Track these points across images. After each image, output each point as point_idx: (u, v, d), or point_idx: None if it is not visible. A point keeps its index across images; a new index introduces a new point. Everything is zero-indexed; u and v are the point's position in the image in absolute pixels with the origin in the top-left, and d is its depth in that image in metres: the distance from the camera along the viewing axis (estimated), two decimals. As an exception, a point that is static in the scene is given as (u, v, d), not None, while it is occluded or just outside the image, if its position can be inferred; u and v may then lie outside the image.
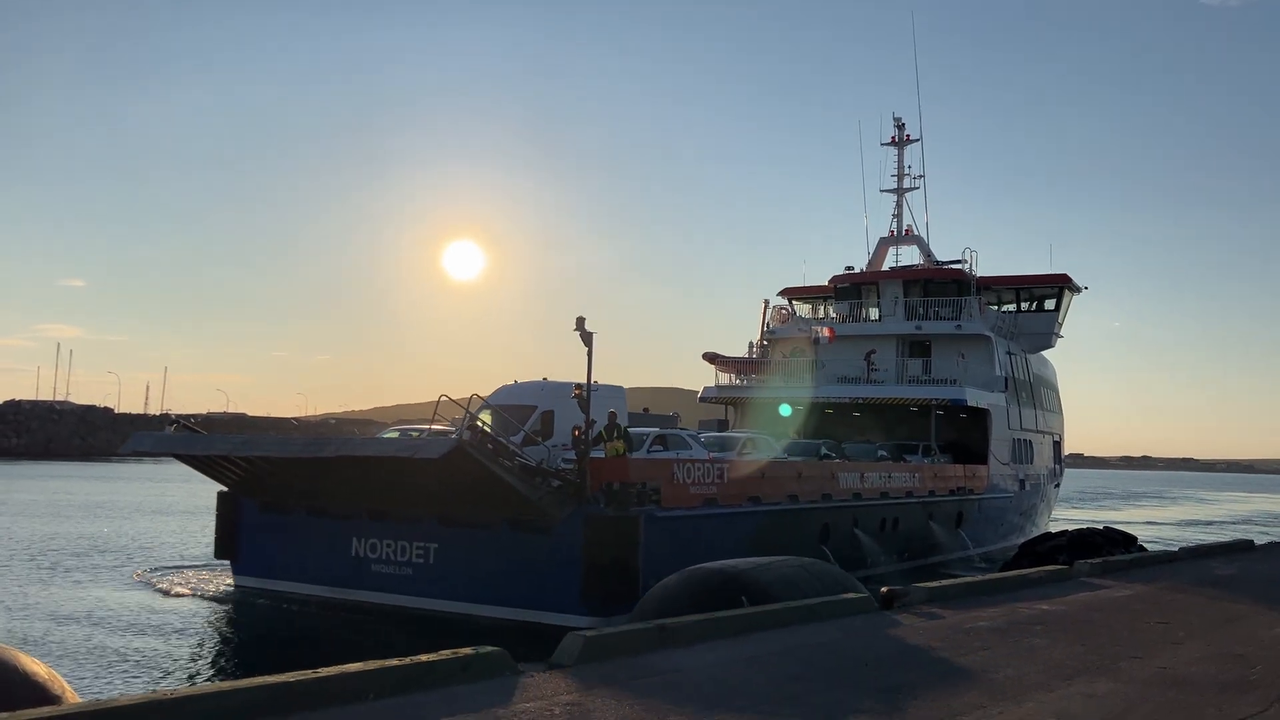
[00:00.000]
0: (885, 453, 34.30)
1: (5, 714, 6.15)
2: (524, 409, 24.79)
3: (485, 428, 20.90)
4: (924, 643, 10.39)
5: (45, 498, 52.93)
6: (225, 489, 24.54)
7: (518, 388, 26.40)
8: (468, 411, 20.41)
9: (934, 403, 36.41)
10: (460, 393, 26.64)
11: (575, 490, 20.10)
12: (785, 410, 29.99)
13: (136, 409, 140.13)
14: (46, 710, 6.35)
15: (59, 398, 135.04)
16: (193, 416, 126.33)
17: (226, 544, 24.39)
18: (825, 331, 38.45)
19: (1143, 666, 9.48)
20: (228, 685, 6.98)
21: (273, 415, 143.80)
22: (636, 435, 24.62)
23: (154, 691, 6.76)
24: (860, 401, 38.19)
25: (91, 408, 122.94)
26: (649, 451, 24.06)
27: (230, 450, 22.32)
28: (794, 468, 26.72)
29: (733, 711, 7.35)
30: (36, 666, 8.52)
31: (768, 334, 42.19)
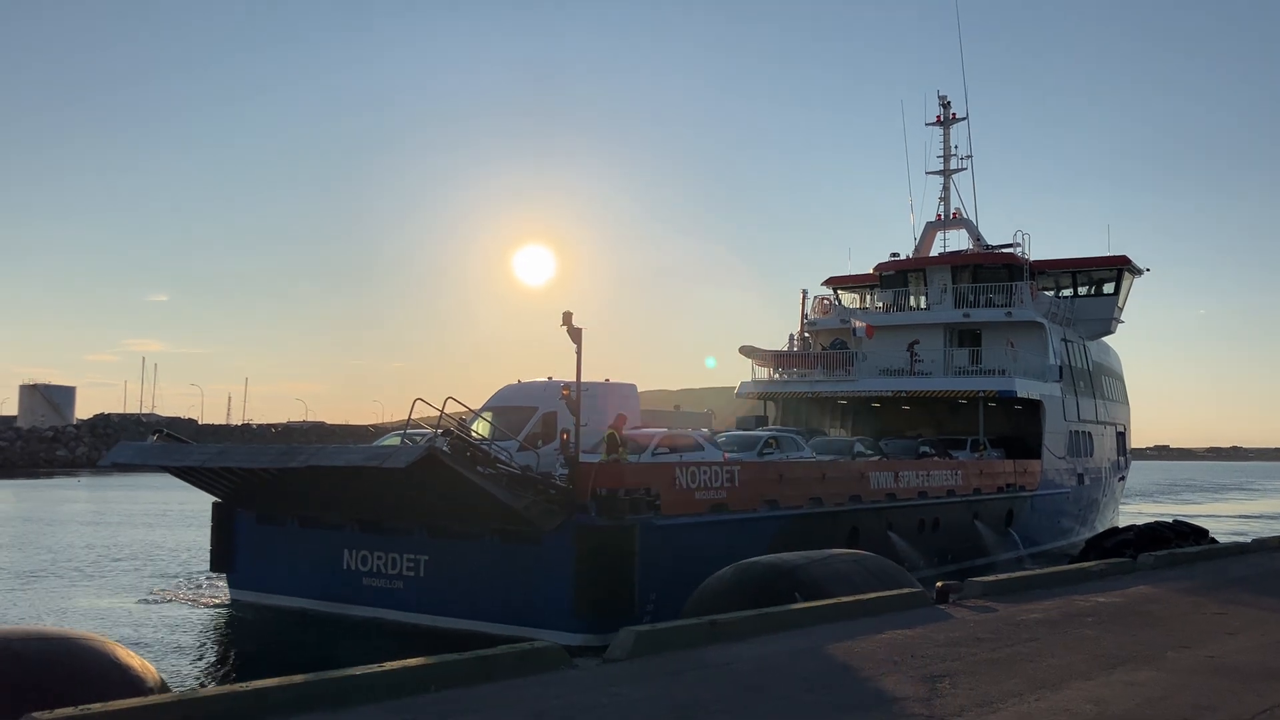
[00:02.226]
0: (929, 449, 33.05)
1: (99, 705, 6.70)
2: (524, 410, 23.52)
3: (466, 431, 19.96)
4: (973, 634, 10.59)
5: (119, 506, 54.72)
6: (219, 500, 23.79)
7: (520, 388, 25.08)
8: (442, 414, 19.33)
9: (982, 395, 34.76)
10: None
11: (565, 498, 18.80)
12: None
13: (219, 420, 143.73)
14: (138, 700, 6.91)
15: (145, 410, 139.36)
16: (273, 426, 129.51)
17: (222, 556, 23.69)
18: (862, 325, 36.93)
19: (1190, 656, 9.59)
20: (299, 679, 7.48)
21: (351, 423, 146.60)
22: (642, 435, 23.38)
23: (234, 684, 7.27)
24: (904, 395, 36.93)
25: (176, 419, 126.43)
26: (654, 455, 22.56)
27: (203, 461, 21.47)
28: (817, 468, 25.13)
29: (775, 700, 7.67)
30: (132, 659, 9.16)
31: (808, 325, 40.83)
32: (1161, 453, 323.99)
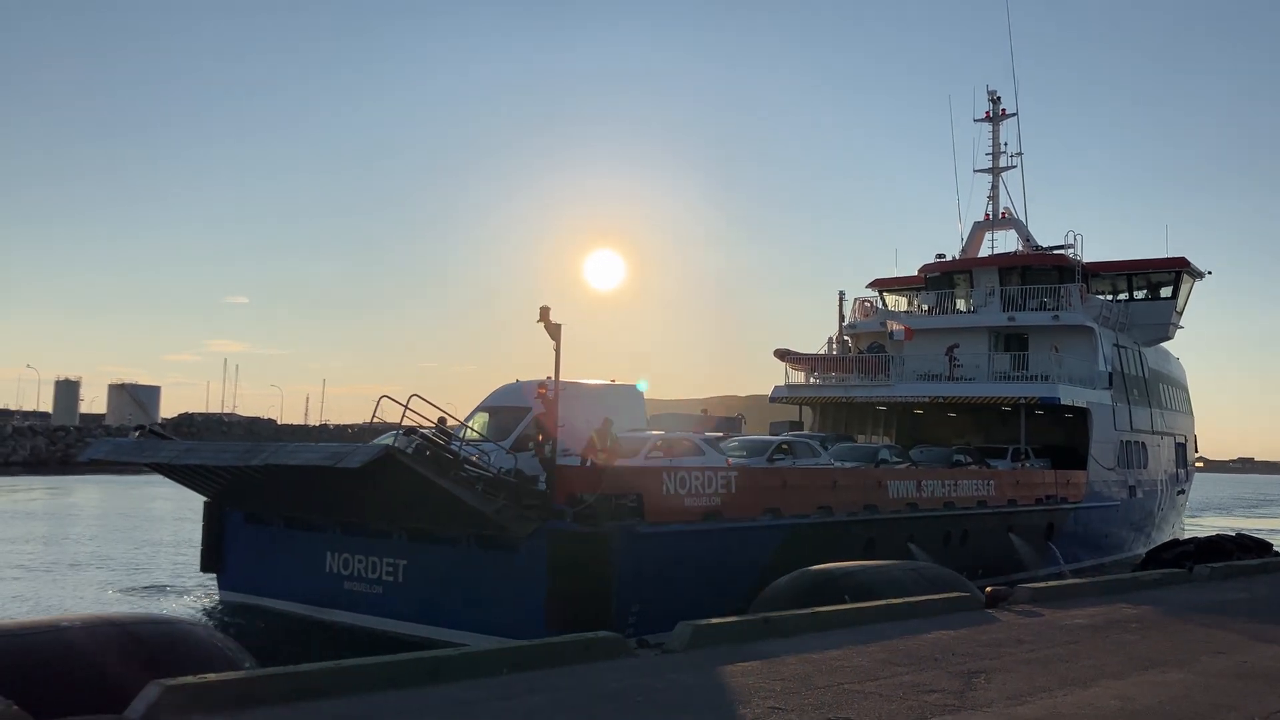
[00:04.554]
0: (965, 457, 31.97)
1: (214, 675, 7.57)
2: (518, 411, 22.57)
3: (445, 432, 19.49)
4: (1014, 637, 11.11)
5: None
6: (209, 499, 23.45)
7: (515, 387, 24.08)
8: (406, 409, 18.65)
9: (1023, 401, 33.47)
10: None
11: (541, 503, 17.98)
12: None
13: (297, 420, 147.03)
14: (251, 671, 7.80)
15: (227, 410, 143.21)
16: (349, 426, 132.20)
17: (212, 556, 23.30)
18: (900, 327, 35.82)
19: (1223, 661, 10.02)
20: (386, 659, 8.32)
21: (425, 425, 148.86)
22: (636, 439, 22.55)
23: (333, 661, 8.11)
24: (941, 400, 35.76)
25: (256, 419, 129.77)
26: (647, 458, 21.32)
27: (172, 458, 20.88)
28: (827, 475, 23.89)
29: (819, 689, 8.31)
30: (229, 642, 10.08)
31: (847, 329, 39.54)
32: (1246, 465, 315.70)
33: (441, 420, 19.83)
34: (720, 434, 27.45)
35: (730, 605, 15.43)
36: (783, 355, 37.41)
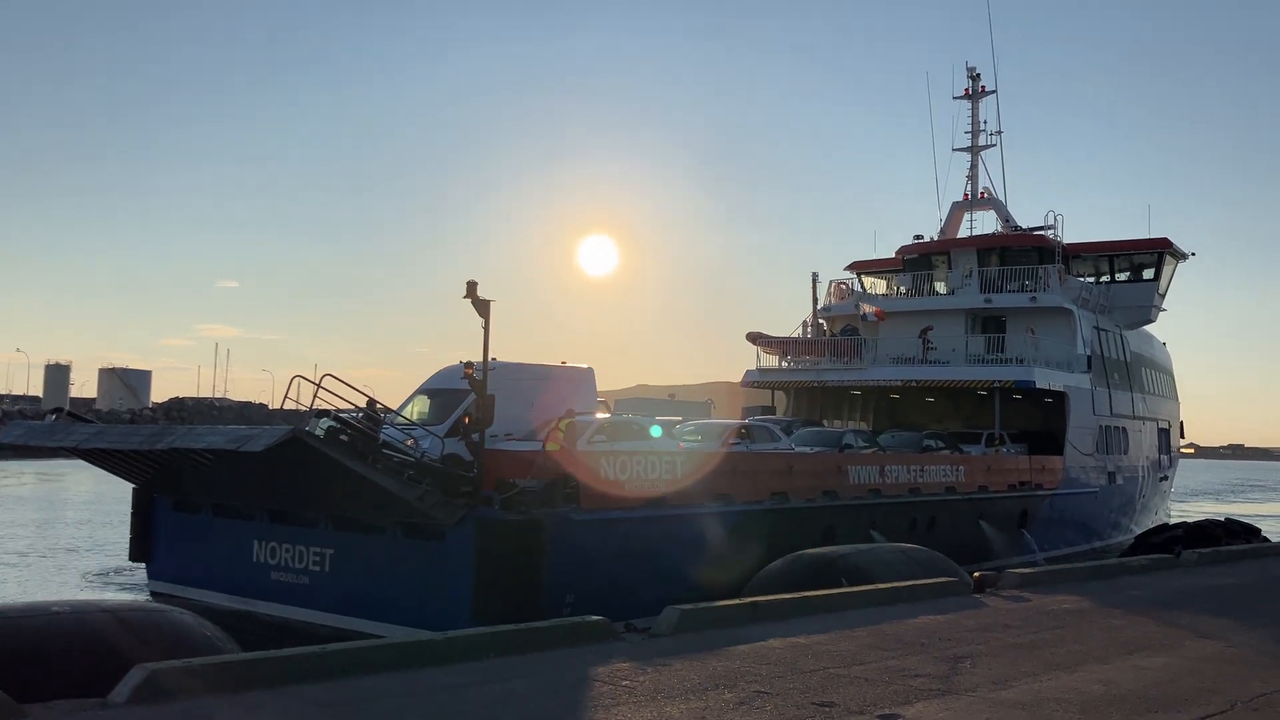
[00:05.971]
0: (936, 442, 31.10)
1: (199, 659, 7.57)
2: (459, 393, 21.38)
3: (374, 415, 18.73)
4: (1002, 621, 11.15)
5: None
6: (137, 486, 22.55)
7: (457, 369, 22.17)
8: (317, 391, 18.12)
9: (998, 385, 32.45)
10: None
11: (471, 489, 17.22)
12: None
13: (290, 405, 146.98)
14: (224, 657, 7.79)
15: (218, 395, 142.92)
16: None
17: (141, 545, 22.50)
18: (871, 310, 35.05)
19: (1208, 645, 10.06)
20: (370, 643, 8.36)
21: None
22: (578, 423, 21.00)
23: (322, 645, 8.12)
24: (914, 384, 34.75)
25: (248, 404, 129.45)
26: (590, 443, 20.68)
27: (78, 442, 19.97)
28: (783, 460, 22.94)
29: (805, 674, 8.34)
30: (216, 630, 10.09)
31: (822, 311, 38.42)
32: (1236, 451, 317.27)
33: (371, 402, 19.10)
34: (677, 418, 26.67)
35: (674, 595, 14.99)
36: (754, 338, 36.40)
